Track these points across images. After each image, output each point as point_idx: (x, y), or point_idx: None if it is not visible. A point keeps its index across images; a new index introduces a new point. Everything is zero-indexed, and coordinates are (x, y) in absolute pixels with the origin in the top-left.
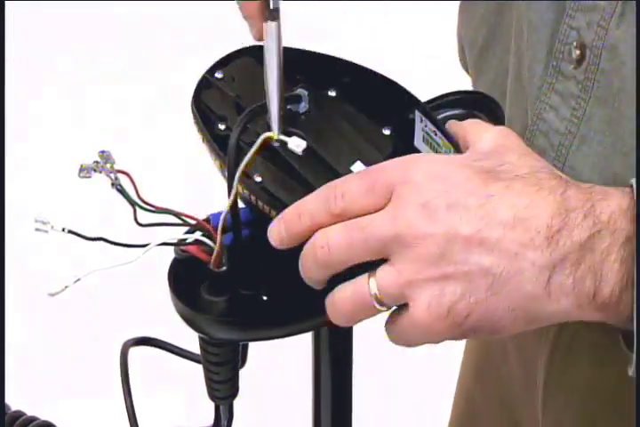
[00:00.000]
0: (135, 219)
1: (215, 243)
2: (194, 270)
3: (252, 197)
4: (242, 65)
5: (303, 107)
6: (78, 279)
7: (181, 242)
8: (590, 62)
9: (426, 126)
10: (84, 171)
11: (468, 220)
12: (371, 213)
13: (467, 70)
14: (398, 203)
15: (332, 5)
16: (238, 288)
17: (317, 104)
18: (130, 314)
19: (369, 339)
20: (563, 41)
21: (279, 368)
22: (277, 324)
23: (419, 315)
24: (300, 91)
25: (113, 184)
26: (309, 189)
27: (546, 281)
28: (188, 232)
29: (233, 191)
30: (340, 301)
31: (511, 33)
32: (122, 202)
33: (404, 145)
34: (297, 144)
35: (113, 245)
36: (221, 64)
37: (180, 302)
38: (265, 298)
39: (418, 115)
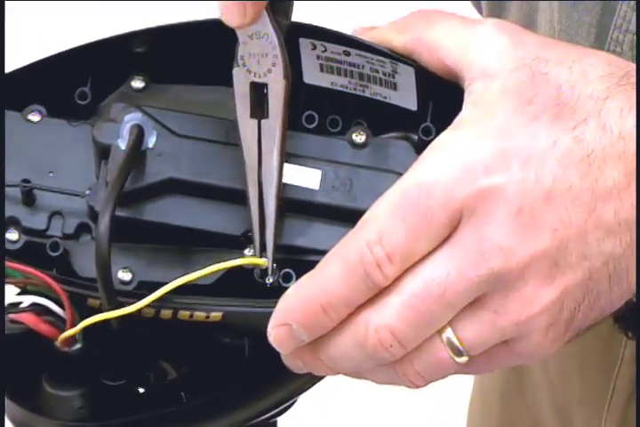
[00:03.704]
0: None
1: (64, 309)
2: (32, 351)
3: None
4: None
5: (153, 141)
6: None
7: (12, 308)
8: None
9: (325, 51)
10: None
11: (575, 205)
12: (432, 256)
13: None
14: (477, 227)
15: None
16: (100, 377)
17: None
18: None
19: None
20: (616, 50)
21: None
22: None
23: (532, 348)
24: (132, 117)
25: None
26: (235, 242)
27: None
28: (22, 293)
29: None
30: (417, 378)
31: None
32: None
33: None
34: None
35: None
36: None
37: (12, 401)
38: (141, 391)
39: (305, 42)
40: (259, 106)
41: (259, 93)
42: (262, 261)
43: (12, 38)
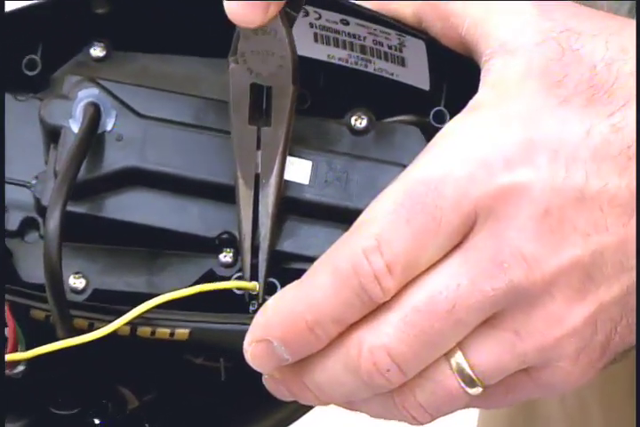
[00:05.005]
0: None
1: (6, 325)
2: None
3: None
4: None
5: (112, 122)
6: None
7: None
8: None
9: (319, 19)
10: None
11: (612, 206)
12: (440, 265)
13: None
14: (495, 231)
15: None
16: (48, 405)
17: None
18: None
19: None
20: None
21: None
22: None
23: (559, 378)
24: (87, 93)
25: None
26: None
27: None
28: None
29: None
30: (420, 412)
31: None
32: None
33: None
34: None
35: None
36: None
37: None
38: (97, 422)
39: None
40: (259, 111)
41: (260, 97)
42: (253, 286)
43: None
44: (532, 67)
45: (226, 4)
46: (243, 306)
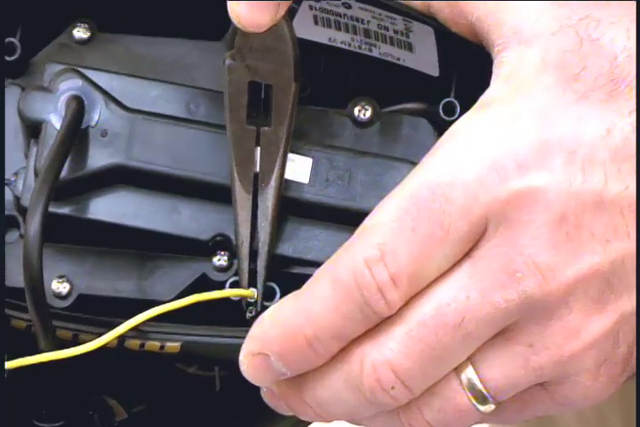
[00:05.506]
0: None
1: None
2: None
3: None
4: None
5: (97, 116)
6: None
7: None
8: None
9: (319, 0)
10: None
11: (633, 210)
12: (449, 276)
13: None
14: (507, 238)
15: None
16: (31, 418)
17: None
18: None
19: None
20: None
21: None
22: None
23: (578, 393)
24: (69, 85)
25: None
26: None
27: None
28: None
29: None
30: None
31: None
32: None
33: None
34: None
35: None
36: None
37: None
38: None
39: None
40: (257, 110)
41: (258, 95)
42: (250, 293)
43: None
44: (547, 59)
45: (230, 6)
46: (239, 310)
